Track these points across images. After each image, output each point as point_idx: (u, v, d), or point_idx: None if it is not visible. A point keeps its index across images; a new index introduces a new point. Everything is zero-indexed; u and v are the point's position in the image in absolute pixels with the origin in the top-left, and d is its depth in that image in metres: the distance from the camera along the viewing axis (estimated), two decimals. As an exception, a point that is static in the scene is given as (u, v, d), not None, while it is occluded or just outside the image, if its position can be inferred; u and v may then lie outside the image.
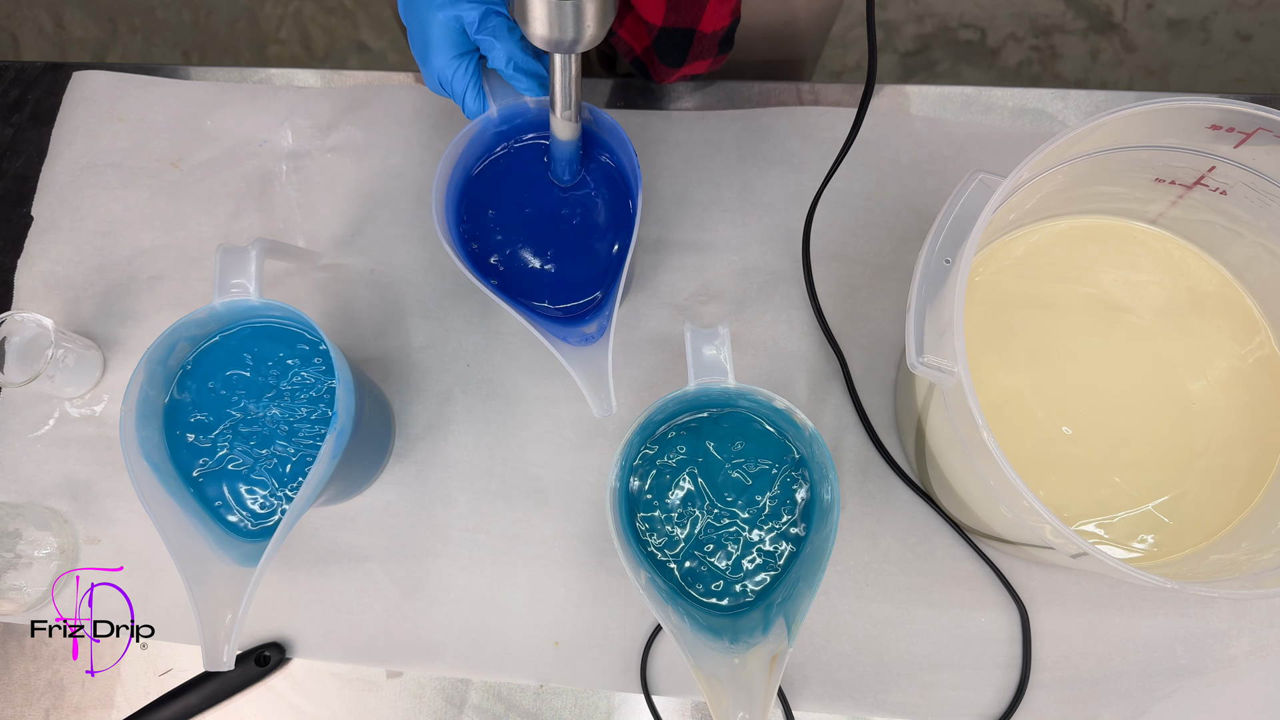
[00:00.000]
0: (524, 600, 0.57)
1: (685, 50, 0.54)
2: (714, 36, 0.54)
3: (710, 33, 0.54)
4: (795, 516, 0.51)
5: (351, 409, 0.47)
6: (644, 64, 0.57)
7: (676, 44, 0.54)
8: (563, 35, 0.41)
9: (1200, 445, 0.50)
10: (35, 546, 0.56)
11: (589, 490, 0.58)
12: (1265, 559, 0.43)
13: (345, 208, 0.64)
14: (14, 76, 0.68)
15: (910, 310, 0.41)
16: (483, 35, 0.46)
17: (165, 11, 1.68)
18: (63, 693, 0.57)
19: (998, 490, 0.42)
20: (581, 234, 0.53)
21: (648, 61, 0.56)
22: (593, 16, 0.41)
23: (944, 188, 0.61)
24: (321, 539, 0.58)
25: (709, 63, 0.56)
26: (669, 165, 0.63)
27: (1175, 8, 1.55)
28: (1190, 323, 0.52)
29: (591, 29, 0.41)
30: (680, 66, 0.56)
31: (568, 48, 0.42)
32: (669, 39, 0.54)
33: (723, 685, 0.44)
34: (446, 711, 0.56)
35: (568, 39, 0.41)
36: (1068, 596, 0.55)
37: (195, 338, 0.50)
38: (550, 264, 0.53)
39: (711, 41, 0.54)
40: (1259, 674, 0.54)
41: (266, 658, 0.56)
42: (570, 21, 0.40)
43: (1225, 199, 0.48)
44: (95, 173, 0.65)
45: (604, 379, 0.47)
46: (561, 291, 0.54)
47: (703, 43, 0.54)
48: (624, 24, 0.55)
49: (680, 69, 0.56)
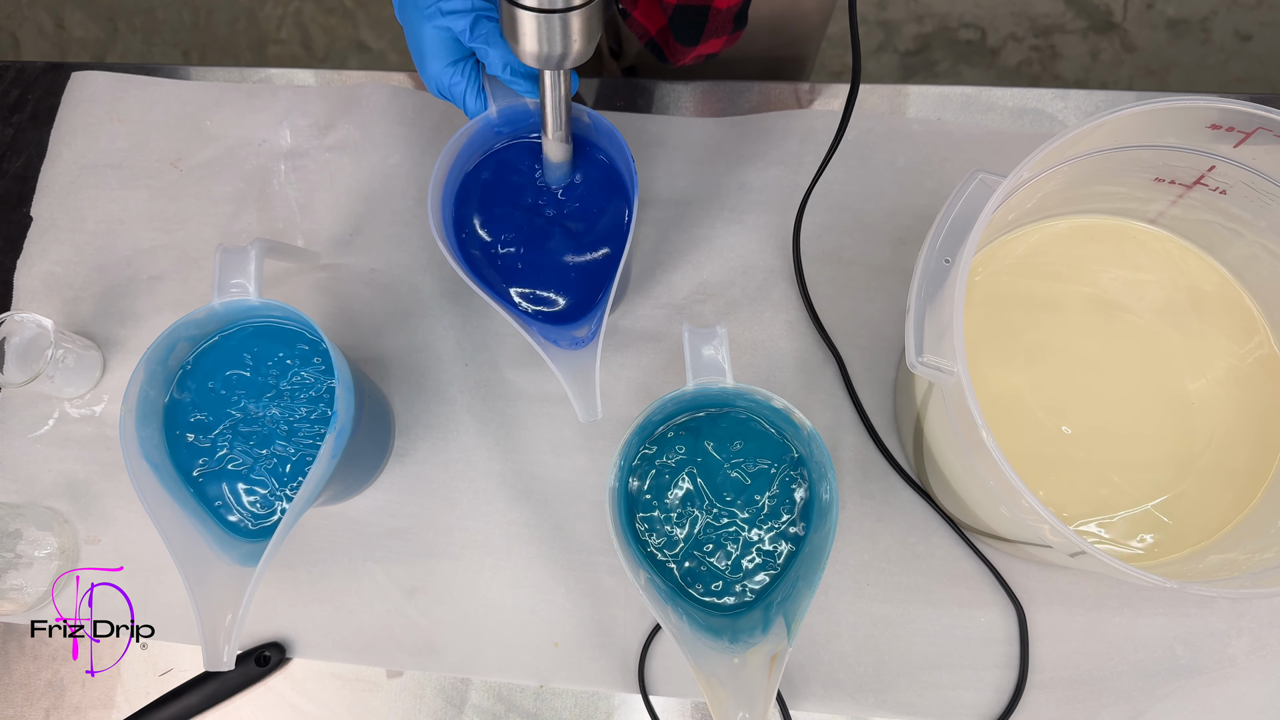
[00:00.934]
0: (524, 600, 0.57)
1: (701, 27, 0.55)
2: (728, 13, 0.55)
3: (725, 8, 0.54)
4: (794, 516, 0.51)
5: (351, 409, 0.47)
6: (659, 45, 0.57)
7: (692, 21, 0.55)
8: (551, 50, 0.41)
9: (1200, 445, 0.50)
10: (35, 546, 0.56)
11: (588, 490, 0.58)
12: (1265, 558, 0.43)
13: (345, 207, 0.64)
14: (14, 76, 0.68)
15: (910, 310, 0.41)
16: (477, 43, 0.46)
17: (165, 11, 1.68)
18: (63, 693, 0.57)
19: (997, 490, 0.42)
20: (577, 237, 0.53)
21: (662, 42, 0.57)
22: (579, 31, 0.41)
23: (943, 188, 0.61)
24: (321, 539, 0.58)
25: (723, 40, 0.57)
26: (667, 167, 0.63)
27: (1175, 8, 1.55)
28: (1190, 322, 0.52)
29: (579, 44, 0.42)
30: (696, 45, 0.56)
31: (556, 64, 0.43)
32: (684, 16, 0.55)
33: (723, 685, 0.44)
34: (446, 711, 0.56)
35: (556, 54, 0.42)
36: (1067, 596, 0.55)
37: (195, 338, 0.50)
38: (545, 266, 0.53)
39: (726, 18, 0.55)
40: (1258, 673, 0.54)
41: (266, 658, 0.56)
42: (559, 37, 0.41)
43: (1225, 198, 0.48)
44: (95, 173, 0.65)
45: (591, 384, 0.47)
46: (555, 293, 0.54)
47: (717, 19, 0.55)
48: (638, 6, 0.56)
49: (696, 47, 0.56)
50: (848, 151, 0.62)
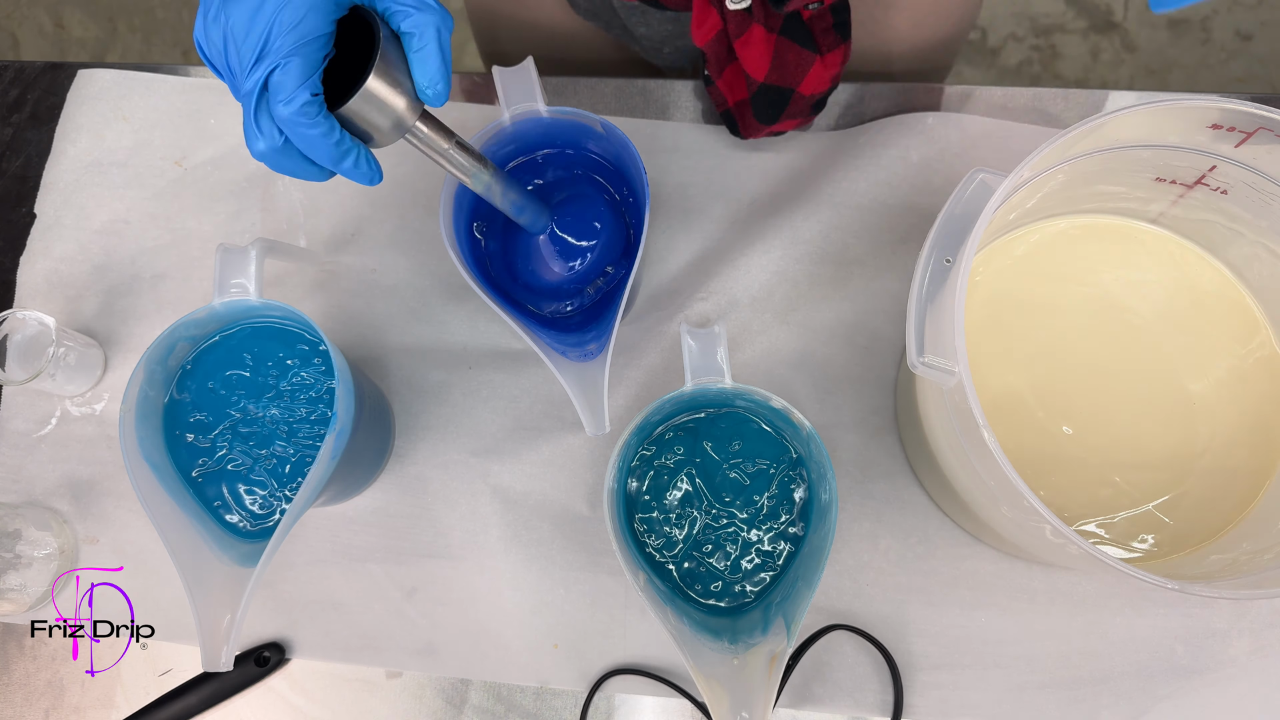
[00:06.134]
0: (523, 601, 0.56)
1: (781, 109, 0.56)
2: (810, 99, 0.55)
3: (808, 95, 0.55)
4: (793, 516, 0.51)
5: (351, 409, 0.47)
6: (734, 118, 0.58)
7: (773, 101, 0.55)
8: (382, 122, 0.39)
9: (1201, 445, 0.50)
10: (35, 546, 0.56)
11: (588, 491, 0.58)
12: (1266, 559, 0.43)
13: (348, 208, 0.64)
14: (14, 76, 0.68)
15: (910, 310, 0.41)
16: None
17: (165, 11, 1.68)
18: (63, 693, 0.57)
19: (998, 490, 0.42)
20: (587, 248, 0.53)
21: (739, 115, 0.58)
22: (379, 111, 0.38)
23: (947, 186, 0.61)
24: (321, 539, 0.58)
25: (798, 122, 0.58)
26: (675, 169, 0.63)
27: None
28: (1191, 322, 0.52)
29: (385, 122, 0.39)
30: (772, 124, 0.57)
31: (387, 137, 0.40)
32: (767, 96, 0.55)
33: (723, 685, 0.44)
34: (446, 711, 0.56)
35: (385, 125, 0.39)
36: (1067, 596, 0.55)
37: (195, 338, 0.50)
38: (554, 275, 0.53)
39: (807, 103, 0.56)
40: (1259, 674, 0.53)
41: (266, 658, 0.56)
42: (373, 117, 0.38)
43: (1226, 198, 0.48)
44: (99, 171, 0.65)
45: (599, 397, 0.46)
46: (564, 302, 0.53)
47: (799, 103, 0.56)
48: (723, 76, 0.56)
49: (771, 126, 0.57)
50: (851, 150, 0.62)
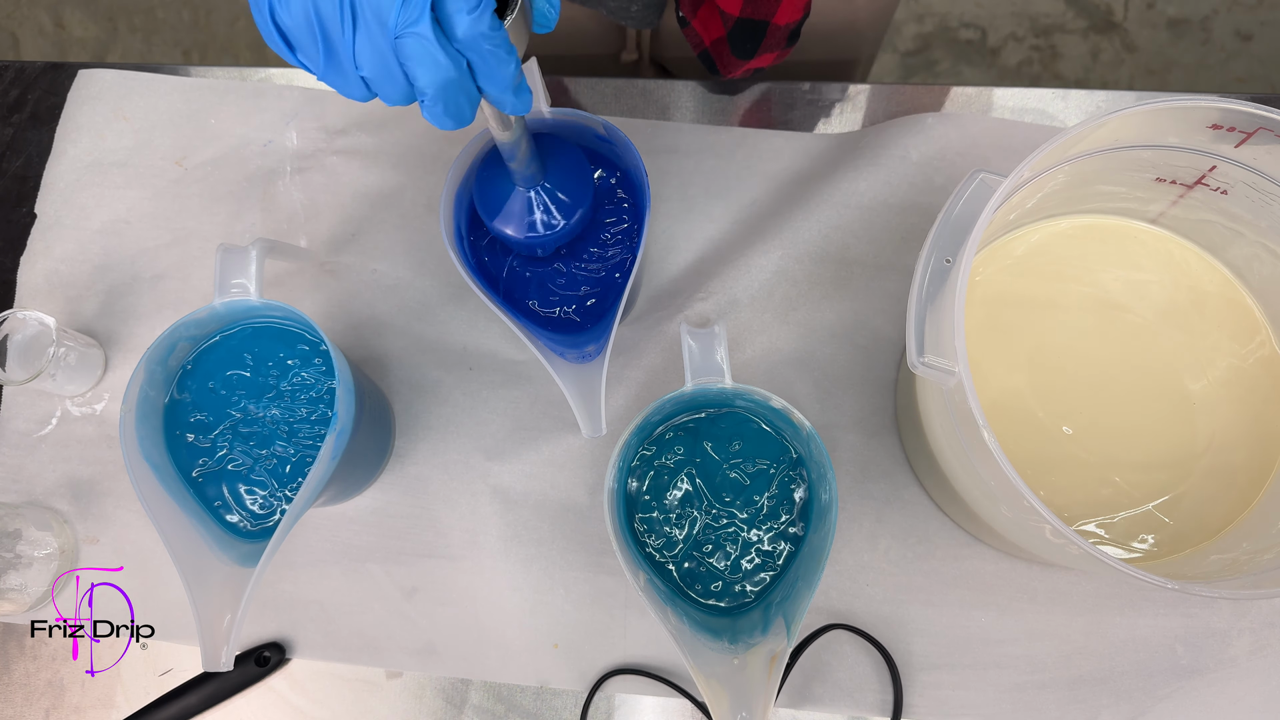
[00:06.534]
0: (523, 601, 0.56)
1: (757, 42, 0.56)
2: (785, 29, 0.56)
3: (783, 25, 0.55)
4: (793, 516, 0.51)
5: (351, 410, 0.47)
6: (712, 57, 0.58)
7: (750, 35, 0.56)
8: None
9: (1201, 445, 0.50)
10: (35, 546, 0.56)
11: (588, 492, 0.58)
12: (1266, 559, 0.43)
13: (349, 209, 0.63)
14: (14, 76, 0.68)
15: (910, 310, 0.41)
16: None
17: (165, 11, 1.68)
18: (63, 693, 0.57)
19: (998, 490, 0.42)
20: (587, 249, 0.53)
21: (716, 54, 0.58)
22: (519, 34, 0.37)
23: (947, 186, 0.61)
24: (321, 539, 0.58)
25: (775, 55, 0.58)
26: (674, 170, 0.63)
27: (1175, 7, 1.55)
28: (1191, 322, 0.52)
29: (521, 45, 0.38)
30: (750, 59, 0.57)
31: None
32: (743, 30, 0.55)
33: (722, 685, 0.43)
34: (446, 711, 0.56)
35: None
36: (1067, 596, 0.55)
37: (195, 338, 0.50)
38: (553, 276, 0.53)
39: (782, 34, 0.56)
40: (1260, 674, 0.53)
41: (266, 658, 0.56)
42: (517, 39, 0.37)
43: (1226, 198, 0.48)
44: (99, 171, 0.65)
45: (596, 399, 0.46)
46: (563, 305, 0.53)
47: (774, 35, 0.56)
48: (697, 15, 0.56)
49: (749, 61, 0.57)
50: (851, 150, 0.62)
